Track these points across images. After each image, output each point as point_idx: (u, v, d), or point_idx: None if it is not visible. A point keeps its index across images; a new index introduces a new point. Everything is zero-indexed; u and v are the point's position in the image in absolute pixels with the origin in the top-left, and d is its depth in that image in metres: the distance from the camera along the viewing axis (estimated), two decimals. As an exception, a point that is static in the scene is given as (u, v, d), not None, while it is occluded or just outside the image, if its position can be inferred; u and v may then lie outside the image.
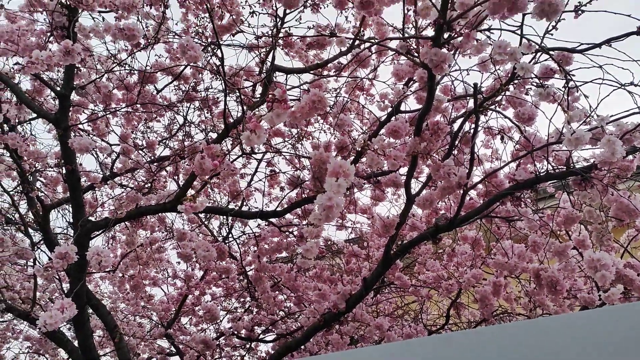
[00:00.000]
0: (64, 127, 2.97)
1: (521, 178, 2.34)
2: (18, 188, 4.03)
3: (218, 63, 3.01)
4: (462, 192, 2.45)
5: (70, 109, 3.13)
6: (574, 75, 1.91)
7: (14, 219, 4.10)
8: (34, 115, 3.46)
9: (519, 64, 1.73)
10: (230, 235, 4.31)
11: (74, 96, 3.23)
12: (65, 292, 3.64)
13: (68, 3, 2.57)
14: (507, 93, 2.33)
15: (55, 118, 3.00)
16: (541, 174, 2.29)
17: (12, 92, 3.06)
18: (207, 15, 3.22)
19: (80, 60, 2.34)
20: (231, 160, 3.23)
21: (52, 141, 4.30)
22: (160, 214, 4.09)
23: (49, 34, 2.70)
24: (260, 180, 4.15)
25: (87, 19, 2.67)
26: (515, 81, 2.26)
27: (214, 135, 3.76)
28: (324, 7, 3.20)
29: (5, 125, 3.31)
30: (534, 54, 2.13)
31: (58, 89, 3.06)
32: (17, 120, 3.38)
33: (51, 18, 2.65)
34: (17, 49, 2.55)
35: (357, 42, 3.21)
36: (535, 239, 2.58)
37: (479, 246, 3.27)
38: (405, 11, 2.16)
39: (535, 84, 2.10)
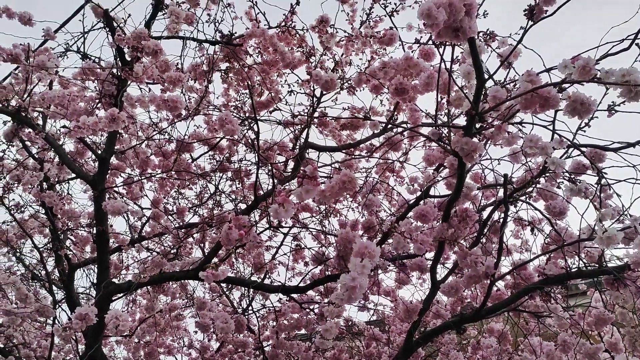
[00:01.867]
0: (101, 189, 3.06)
1: (551, 273, 2.27)
2: (48, 245, 4.11)
3: (253, 137, 3.11)
4: (489, 282, 2.39)
5: (108, 171, 3.24)
6: (606, 173, 1.90)
7: (39, 275, 4.15)
8: (73, 175, 3.58)
9: (550, 158, 1.73)
10: (250, 308, 4.25)
11: (113, 159, 3.35)
12: (80, 354, 3.59)
13: (119, 74, 2.73)
14: (538, 185, 2.32)
15: (93, 180, 3.09)
16: (572, 271, 2.23)
17: (55, 153, 3.20)
18: (247, 91, 3.36)
19: (124, 127, 2.45)
20: (258, 232, 3.24)
21: (86, 201, 4.43)
22: (182, 281, 4.09)
23: (97, 100, 2.85)
24: (285, 254, 4.13)
25: (134, 89, 2.83)
26: (547, 174, 2.26)
27: (243, 206, 3.81)
28: (360, 90, 3.32)
29: (44, 183, 3.43)
30: (566, 149, 2.13)
31: (99, 152, 3.19)
32: (56, 179, 3.50)
33: (101, 86, 2.80)
34: (66, 113, 2.69)
35: (389, 125, 3.29)
36: (565, 338, 2.46)
37: (506, 340, 3.13)
38: (439, 99, 2.22)
39: (567, 179, 2.09)
